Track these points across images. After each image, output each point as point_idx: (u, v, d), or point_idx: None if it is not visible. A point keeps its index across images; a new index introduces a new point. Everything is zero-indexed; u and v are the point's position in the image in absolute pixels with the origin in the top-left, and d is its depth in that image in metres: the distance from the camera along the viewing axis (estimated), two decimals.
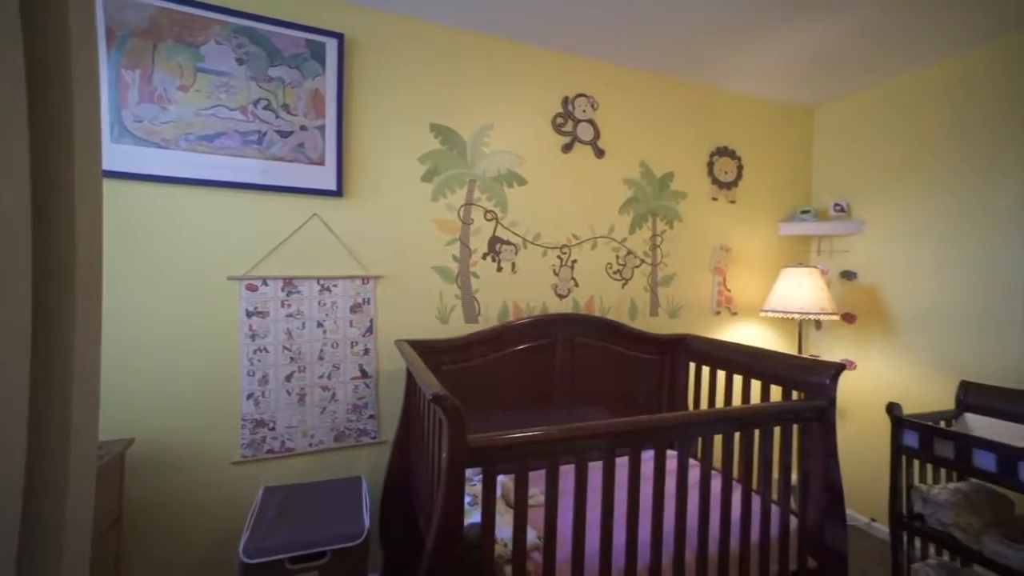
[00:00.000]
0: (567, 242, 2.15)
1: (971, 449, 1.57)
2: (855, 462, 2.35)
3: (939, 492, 1.70)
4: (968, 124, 2.02)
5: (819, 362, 1.56)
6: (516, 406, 1.93)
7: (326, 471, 1.77)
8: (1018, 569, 1.47)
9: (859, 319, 2.42)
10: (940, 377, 2.08)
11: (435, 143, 1.91)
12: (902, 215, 2.26)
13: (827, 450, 1.47)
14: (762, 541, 1.39)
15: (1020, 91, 1.86)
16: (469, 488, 1.47)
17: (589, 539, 1.17)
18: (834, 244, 2.57)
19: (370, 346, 1.83)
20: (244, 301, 1.65)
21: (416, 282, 1.90)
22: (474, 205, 1.98)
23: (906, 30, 1.88)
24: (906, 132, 2.25)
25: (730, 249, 2.51)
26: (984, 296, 1.96)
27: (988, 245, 1.95)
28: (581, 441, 1.13)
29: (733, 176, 2.49)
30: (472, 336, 1.88)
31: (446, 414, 1.01)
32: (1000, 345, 1.91)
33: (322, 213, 1.75)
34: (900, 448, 1.77)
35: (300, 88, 1.68)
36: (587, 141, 2.16)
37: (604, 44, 2.04)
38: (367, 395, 1.82)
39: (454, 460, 1.01)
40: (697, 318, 2.42)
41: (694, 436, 1.30)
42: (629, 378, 2.12)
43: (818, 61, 2.15)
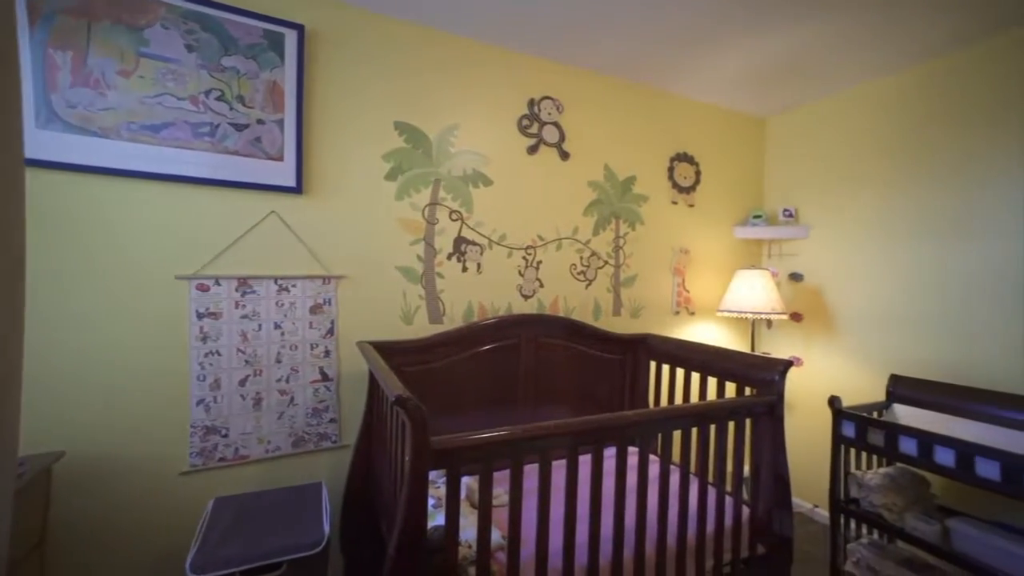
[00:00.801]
0: (532, 243, 2.16)
1: (897, 436, 1.71)
2: (801, 452, 2.49)
3: (871, 477, 1.84)
4: (901, 139, 2.19)
5: (769, 359, 1.65)
6: (481, 407, 1.93)
7: (284, 478, 1.70)
8: (931, 541, 1.63)
9: (805, 318, 2.58)
10: (874, 371, 2.24)
11: (399, 141, 1.88)
12: (842, 221, 2.43)
13: (776, 442, 1.55)
14: (717, 531, 1.45)
15: (948, 109, 2.03)
16: (433, 490, 1.45)
17: (553, 537, 1.19)
18: (783, 247, 2.72)
19: (331, 348, 1.77)
20: (194, 302, 1.56)
21: (380, 282, 1.86)
22: (439, 205, 1.97)
23: (849, 51, 2.02)
24: (846, 145, 2.42)
25: (689, 251, 2.61)
26: (912, 296, 2.13)
27: (915, 250, 2.12)
28: (545, 440, 1.14)
29: (692, 181, 2.60)
30: (437, 337, 1.86)
31: (409, 416, 1.00)
32: (925, 341, 2.08)
33: (280, 210, 1.69)
34: (839, 438, 1.90)
35: (257, 80, 1.61)
36: (552, 143, 2.18)
37: (570, 48, 2.07)
38: (328, 399, 1.77)
39: (417, 462, 1.00)
40: (658, 318, 2.50)
41: (654, 433, 1.34)
42: (592, 377, 2.17)
43: (769, 76, 2.27)
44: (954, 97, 2.00)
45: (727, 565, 1.49)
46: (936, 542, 1.63)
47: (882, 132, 2.26)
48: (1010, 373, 1.82)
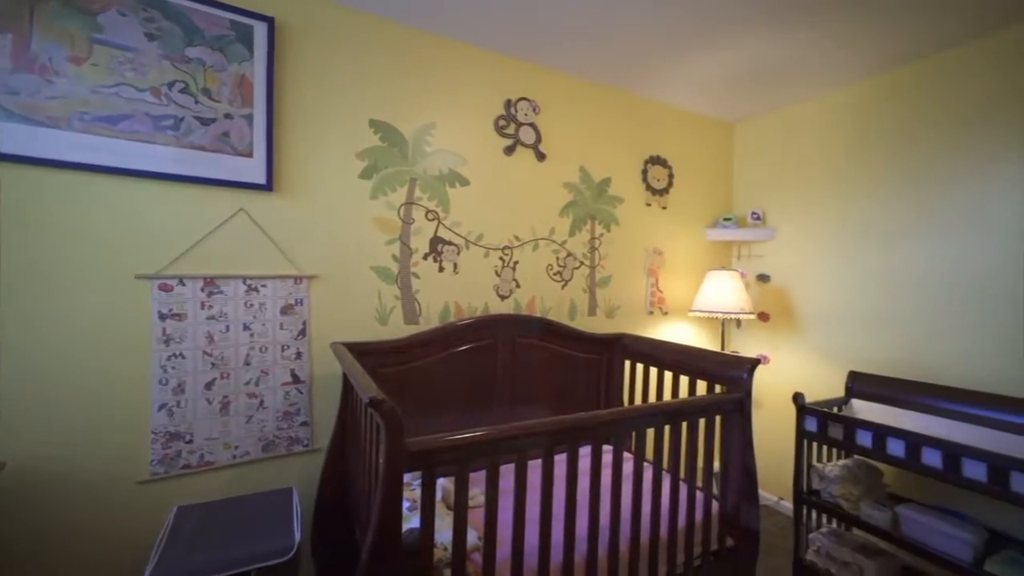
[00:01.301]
0: (509, 243, 2.17)
1: (855, 430, 1.80)
2: (767, 447, 2.59)
3: (831, 469, 1.93)
4: (860, 147, 2.30)
5: (738, 358, 1.70)
6: (457, 407, 1.92)
7: (253, 484, 1.65)
8: (883, 527, 1.73)
9: (772, 318, 2.68)
10: (836, 368, 2.35)
11: (374, 139, 1.85)
12: (806, 224, 2.53)
13: (744, 438, 1.61)
14: (688, 526, 1.49)
15: (904, 120, 2.14)
16: (408, 493, 1.44)
17: (528, 536, 1.20)
18: (752, 249, 2.82)
19: (303, 349, 1.73)
20: (156, 302, 1.49)
21: (354, 282, 1.83)
22: (415, 204, 1.95)
23: (811, 61, 2.11)
24: (809, 151, 2.52)
25: (662, 252, 2.67)
26: (870, 296, 2.24)
27: (873, 252, 2.24)
28: (521, 440, 1.15)
29: (665, 184, 2.65)
30: (413, 337, 1.84)
31: (383, 418, 0.98)
32: (882, 339, 2.19)
33: (250, 208, 1.63)
34: (803, 433, 1.98)
35: (224, 73, 1.56)
36: (529, 144, 2.19)
37: (547, 50, 2.09)
38: (299, 401, 1.73)
39: (392, 465, 0.99)
40: (632, 318, 2.55)
41: (628, 431, 1.37)
42: (568, 377, 2.19)
43: (737, 83, 2.35)
44: (910, 108, 2.12)
45: (697, 558, 1.53)
46: (887, 528, 1.73)
47: (842, 140, 2.37)
48: (958, 369, 1.93)
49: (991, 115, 1.86)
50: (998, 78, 1.85)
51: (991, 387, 1.82)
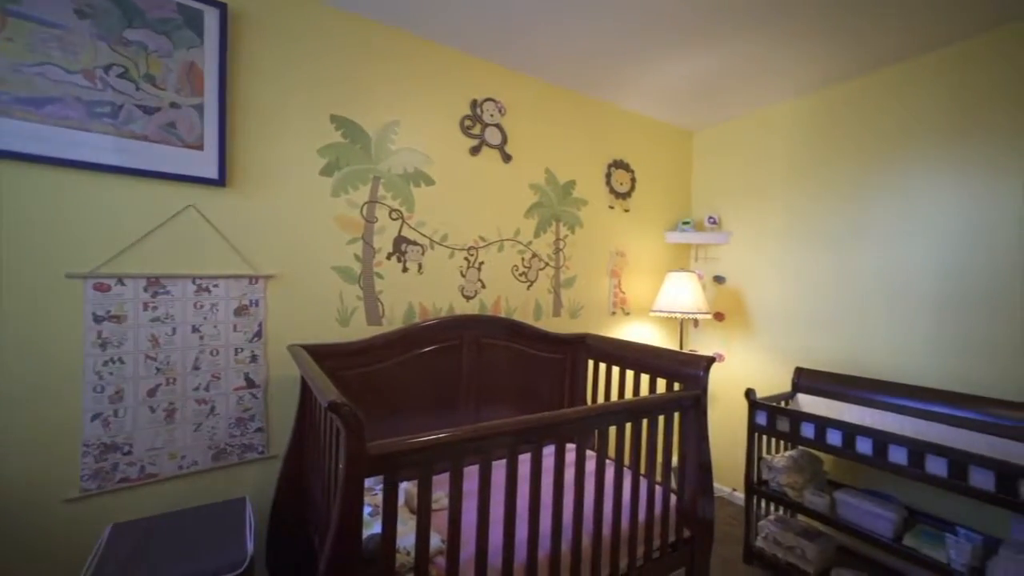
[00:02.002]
0: (474, 244, 2.16)
1: (799, 422, 1.92)
2: (722, 441, 2.71)
3: (778, 460, 2.05)
4: (807, 156, 2.45)
5: (695, 356, 1.77)
6: (422, 410, 1.89)
7: (203, 495, 1.56)
8: (822, 512, 1.87)
9: (727, 318, 2.81)
10: (784, 364, 2.49)
11: (336, 136, 1.80)
12: (758, 229, 2.67)
13: (700, 433, 1.68)
14: (648, 520, 1.54)
15: (848, 130, 2.30)
16: (370, 498, 1.41)
17: (492, 536, 1.20)
18: (708, 252, 2.94)
19: (258, 352, 1.65)
20: (91, 304, 1.38)
21: (314, 282, 1.77)
22: (378, 203, 1.90)
23: (763, 75, 2.23)
24: (761, 159, 2.66)
25: (625, 254, 2.74)
26: (814, 296, 2.39)
27: (817, 255, 2.39)
28: (486, 441, 1.15)
29: (628, 187, 2.73)
30: (375, 339, 1.80)
31: (343, 422, 0.96)
32: (825, 337, 2.34)
33: (200, 204, 1.55)
34: (754, 426, 2.09)
35: (170, 59, 1.46)
36: (495, 145, 2.20)
37: (513, 53, 2.10)
38: (254, 406, 1.65)
39: (352, 470, 0.96)
40: (596, 318, 2.61)
41: (592, 429, 1.40)
42: (533, 377, 2.21)
43: (694, 93, 2.45)
44: (853, 120, 2.27)
45: (656, 550, 1.58)
46: (825, 512, 1.86)
47: (792, 149, 2.52)
48: (890, 364, 2.10)
49: (917, 130, 2.03)
50: (923, 97, 2.02)
51: (916, 380, 1.98)
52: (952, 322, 1.91)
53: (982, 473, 1.46)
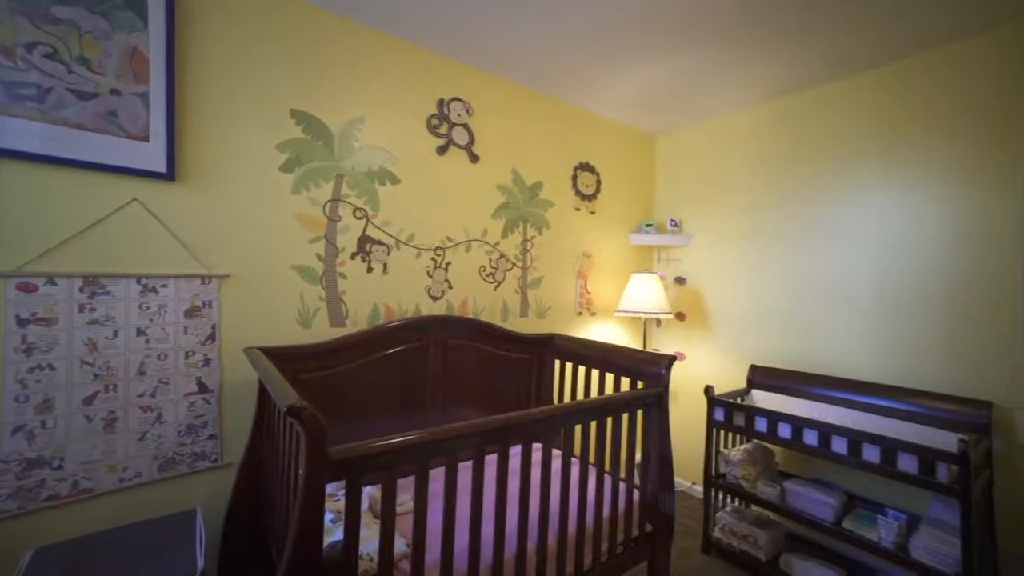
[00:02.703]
0: (441, 244, 2.14)
1: (753, 417, 2.02)
2: (682, 437, 2.81)
3: (734, 453, 2.15)
4: (763, 162, 2.58)
5: (657, 355, 1.83)
6: (388, 413, 1.86)
7: (147, 509, 1.46)
8: (773, 501, 1.98)
9: (688, 317, 2.91)
10: (741, 362, 2.61)
11: (297, 131, 1.74)
12: (717, 231, 2.79)
13: (662, 430, 1.73)
14: (612, 516, 1.57)
15: (803, 139, 2.42)
16: (331, 504, 1.37)
17: (459, 538, 1.19)
18: (670, 253, 3.05)
19: (212, 356, 1.57)
20: (13, 305, 1.27)
21: (273, 282, 1.70)
22: (342, 201, 1.85)
23: (723, 83, 2.33)
24: (720, 164, 2.78)
25: (591, 255, 2.79)
26: (768, 297, 2.52)
27: (772, 258, 2.52)
28: (452, 442, 1.14)
29: (593, 189, 2.78)
30: (339, 341, 1.76)
31: (303, 426, 0.92)
32: (778, 335, 2.47)
33: (146, 198, 1.45)
34: (712, 422, 2.18)
35: (109, 42, 1.36)
36: (462, 145, 2.19)
37: (481, 53, 2.09)
38: (207, 412, 1.57)
39: (313, 475, 0.93)
40: (562, 318, 2.64)
41: (558, 428, 1.41)
42: (500, 377, 2.21)
43: (658, 98, 2.53)
44: (804, 130, 2.39)
45: (620, 545, 1.62)
46: (776, 502, 1.97)
47: (748, 156, 2.64)
48: (837, 360, 2.23)
49: (858, 143, 2.18)
50: (862, 113, 2.17)
51: (857, 375, 2.13)
52: (888, 322, 2.06)
53: (908, 458, 1.59)
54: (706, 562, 2.15)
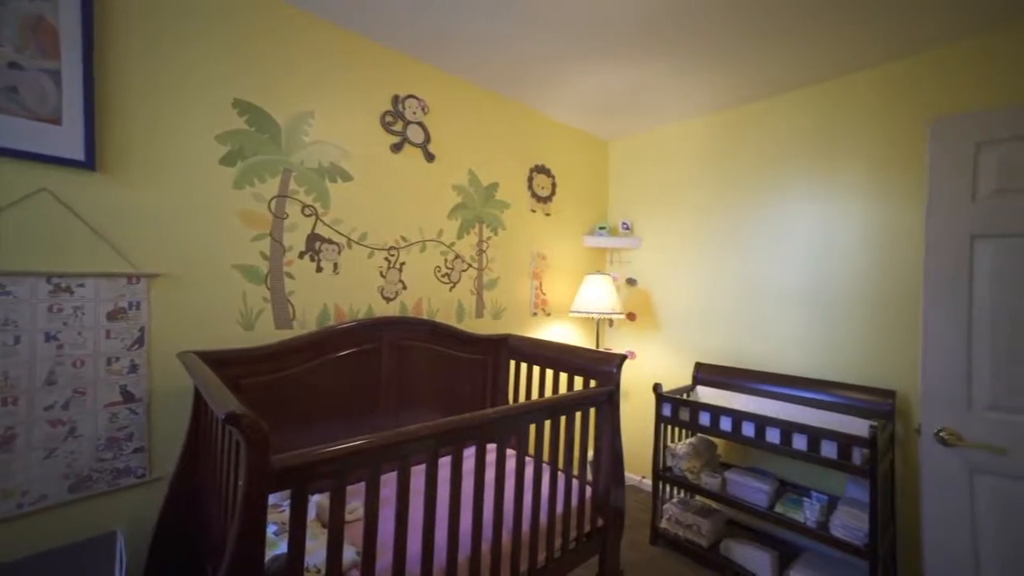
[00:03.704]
0: (395, 244, 2.10)
1: (698, 412, 2.13)
2: (633, 433, 2.91)
3: (680, 447, 2.25)
4: (708, 169, 2.73)
5: (609, 354, 1.89)
6: (338, 417, 1.79)
7: (56, 536, 1.32)
8: (715, 491, 2.09)
9: (638, 317, 3.03)
10: (687, 359, 2.74)
11: (239, 122, 1.64)
12: (665, 235, 2.92)
13: (613, 427, 1.78)
14: (565, 513, 1.60)
15: (743, 149, 2.59)
16: (276, 515, 1.29)
17: (411, 542, 1.17)
18: (622, 255, 3.15)
19: (139, 362, 1.44)
20: None
21: (212, 282, 1.59)
22: (289, 198, 1.77)
23: (670, 94, 2.44)
24: (668, 170, 2.91)
25: (546, 257, 2.84)
26: (712, 297, 2.67)
27: (715, 260, 2.67)
28: (405, 445, 1.11)
29: (549, 192, 2.83)
30: (285, 343, 1.67)
31: (243, 434, 0.87)
32: (720, 333, 2.62)
33: (58, 189, 1.31)
34: (660, 418, 2.28)
35: (4, 7, 1.21)
36: (417, 144, 2.15)
37: (437, 51, 2.07)
38: (132, 424, 1.44)
39: (254, 486, 0.88)
40: (518, 319, 2.66)
41: (513, 428, 1.42)
42: (455, 378, 2.19)
43: (610, 105, 2.61)
44: (745, 140, 2.55)
45: (572, 541, 1.65)
46: (717, 491, 2.09)
47: (694, 162, 2.78)
48: (772, 356, 2.40)
49: (792, 153, 2.37)
50: (795, 127, 2.36)
51: (789, 370, 2.30)
52: (813, 321, 2.25)
53: (829, 444, 1.75)
54: (654, 552, 2.24)
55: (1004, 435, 1.35)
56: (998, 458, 1.35)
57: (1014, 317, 1.35)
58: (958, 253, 1.43)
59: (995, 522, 1.36)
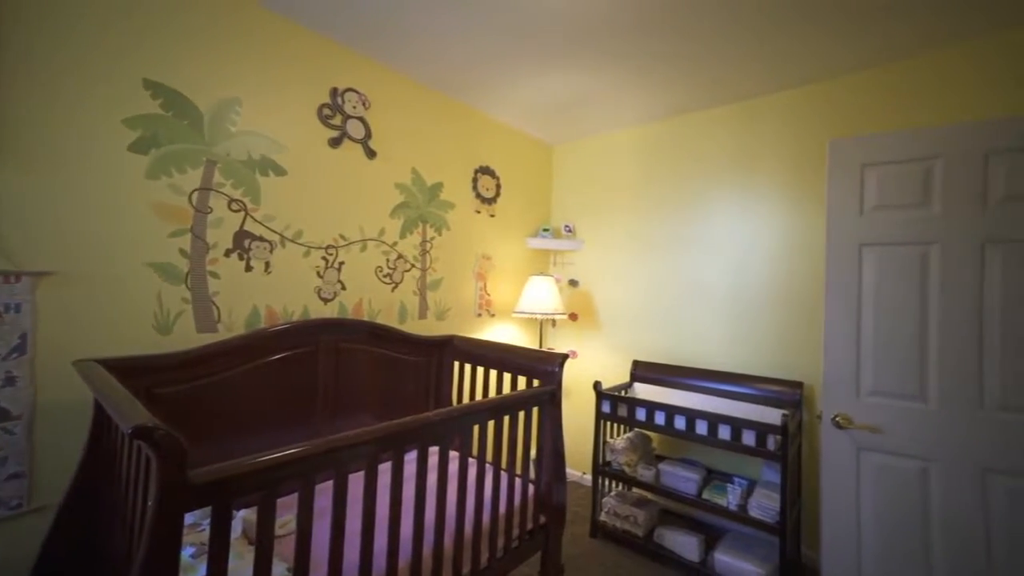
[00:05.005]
0: (334, 242, 2.01)
1: (635, 408, 2.24)
2: (575, 430, 3.00)
3: (618, 442, 2.36)
4: (645, 176, 2.87)
5: (551, 354, 1.93)
6: (270, 425, 1.68)
7: None
8: (650, 483, 2.21)
9: (580, 317, 3.12)
10: (625, 357, 2.87)
11: (153, 106, 1.49)
12: (605, 237, 3.04)
13: (555, 425, 1.82)
14: (508, 512, 1.62)
15: (675, 159, 2.74)
16: (194, 536, 1.19)
17: (348, 552, 1.12)
18: (565, 257, 3.24)
19: (19, 373, 1.27)
20: None
21: (119, 282, 1.44)
22: (214, 191, 1.64)
23: (609, 103, 2.55)
24: (608, 176, 3.03)
25: (490, 258, 2.85)
26: (648, 298, 2.82)
27: (650, 262, 2.81)
28: (342, 452, 1.07)
29: (493, 193, 2.85)
30: (209, 348, 1.54)
31: (155, 449, 0.79)
32: (655, 332, 2.77)
33: None
34: (600, 414, 2.37)
35: None
36: (358, 139, 2.08)
37: (382, 46, 2.01)
38: (7, 446, 1.26)
39: (166, 504, 0.80)
40: (462, 320, 2.65)
41: (455, 430, 1.41)
42: (398, 381, 2.14)
43: (553, 110, 2.68)
44: (678, 149, 2.71)
45: (515, 540, 1.67)
46: (652, 482, 2.21)
47: (633, 169, 2.92)
48: (701, 353, 2.58)
49: (718, 164, 2.56)
50: (721, 139, 2.55)
51: (717, 366, 2.49)
52: (735, 319, 2.44)
53: (749, 433, 1.92)
54: (594, 545, 2.32)
55: (881, 416, 1.56)
56: (877, 436, 1.56)
57: (889, 315, 1.56)
58: (850, 259, 1.63)
59: (872, 490, 1.58)
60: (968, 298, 1.45)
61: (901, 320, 1.54)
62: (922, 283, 1.52)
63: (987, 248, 1.43)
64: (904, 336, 1.54)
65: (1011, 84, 1.78)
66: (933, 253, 1.51)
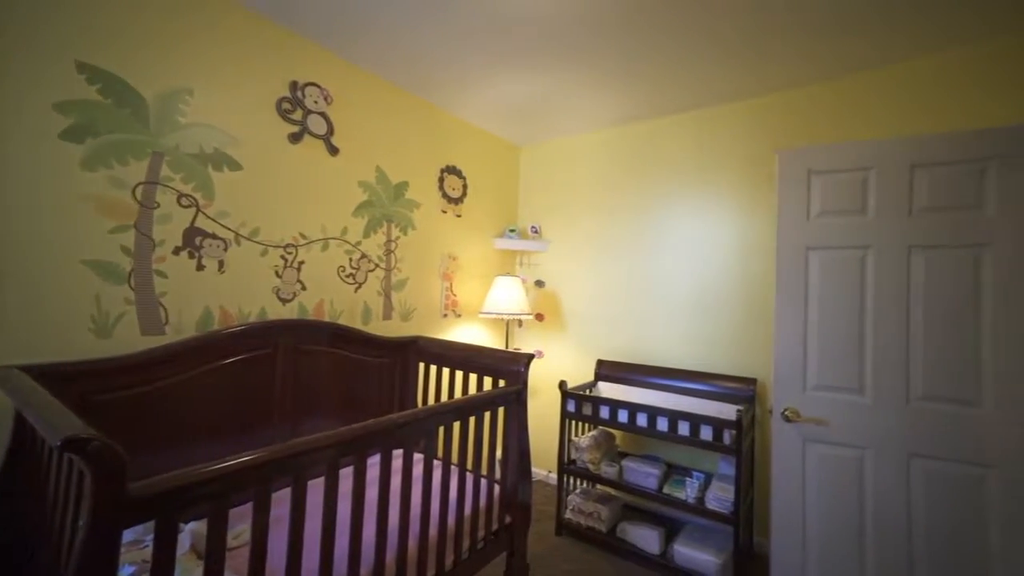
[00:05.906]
0: (294, 241, 1.94)
1: (599, 406, 2.29)
2: (540, 429, 3.02)
3: (583, 440, 2.40)
4: (608, 179, 2.93)
5: (516, 354, 1.94)
6: (225, 432, 1.60)
7: None
8: (613, 479, 2.26)
9: (546, 318, 3.15)
10: (590, 357, 2.92)
11: (89, 91, 1.39)
12: (571, 238, 3.08)
13: (521, 425, 1.83)
14: (473, 513, 1.61)
15: (639, 163, 2.81)
16: (136, 553, 1.12)
17: (307, 561, 1.09)
18: (531, 258, 3.26)
19: None
20: None
21: (48, 281, 1.33)
22: (161, 185, 1.55)
23: (575, 105, 2.59)
24: (574, 178, 3.07)
25: (456, 258, 2.83)
26: (611, 298, 2.88)
27: (613, 264, 2.87)
28: (301, 458, 1.04)
29: (460, 193, 2.83)
30: (155, 351, 1.45)
31: (89, 461, 0.74)
32: (618, 332, 2.84)
33: None
34: (565, 413, 2.40)
35: None
36: (319, 135, 2.01)
37: (345, 40, 1.96)
38: None
39: (102, 521, 0.75)
40: (428, 320, 2.62)
41: (420, 432, 1.39)
42: (360, 384, 2.09)
43: (520, 112, 2.70)
44: (643, 153, 2.78)
45: (481, 541, 1.67)
46: (615, 479, 2.26)
47: (597, 171, 2.97)
48: (662, 352, 2.66)
49: (678, 168, 2.65)
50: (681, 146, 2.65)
51: (677, 364, 2.57)
52: (698, 319, 2.54)
53: (707, 429, 2.00)
54: (559, 543, 2.35)
55: (825, 409, 1.66)
56: (821, 428, 1.66)
57: (832, 314, 1.67)
58: (797, 261, 1.73)
59: (816, 479, 1.68)
60: (897, 298, 1.58)
61: (842, 319, 1.65)
62: (860, 284, 1.63)
63: (912, 252, 1.56)
64: (845, 334, 1.65)
65: (942, 101, 1.94)
66: (869, 256, 1.62)
